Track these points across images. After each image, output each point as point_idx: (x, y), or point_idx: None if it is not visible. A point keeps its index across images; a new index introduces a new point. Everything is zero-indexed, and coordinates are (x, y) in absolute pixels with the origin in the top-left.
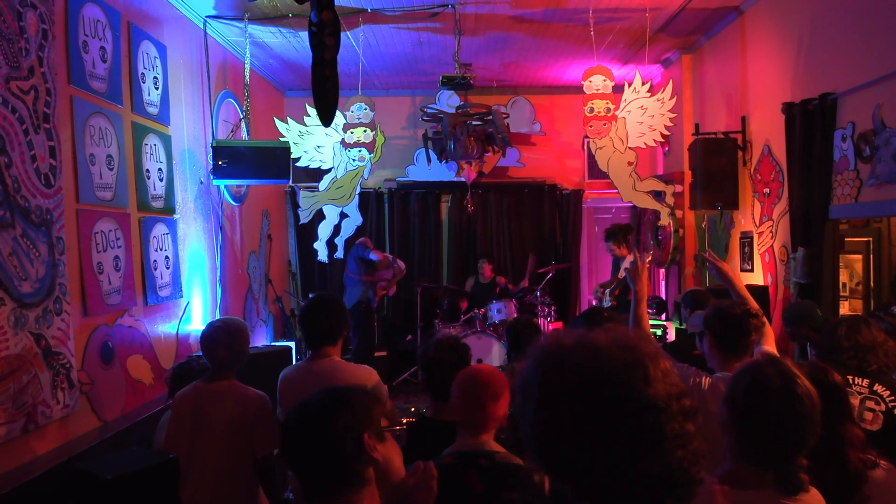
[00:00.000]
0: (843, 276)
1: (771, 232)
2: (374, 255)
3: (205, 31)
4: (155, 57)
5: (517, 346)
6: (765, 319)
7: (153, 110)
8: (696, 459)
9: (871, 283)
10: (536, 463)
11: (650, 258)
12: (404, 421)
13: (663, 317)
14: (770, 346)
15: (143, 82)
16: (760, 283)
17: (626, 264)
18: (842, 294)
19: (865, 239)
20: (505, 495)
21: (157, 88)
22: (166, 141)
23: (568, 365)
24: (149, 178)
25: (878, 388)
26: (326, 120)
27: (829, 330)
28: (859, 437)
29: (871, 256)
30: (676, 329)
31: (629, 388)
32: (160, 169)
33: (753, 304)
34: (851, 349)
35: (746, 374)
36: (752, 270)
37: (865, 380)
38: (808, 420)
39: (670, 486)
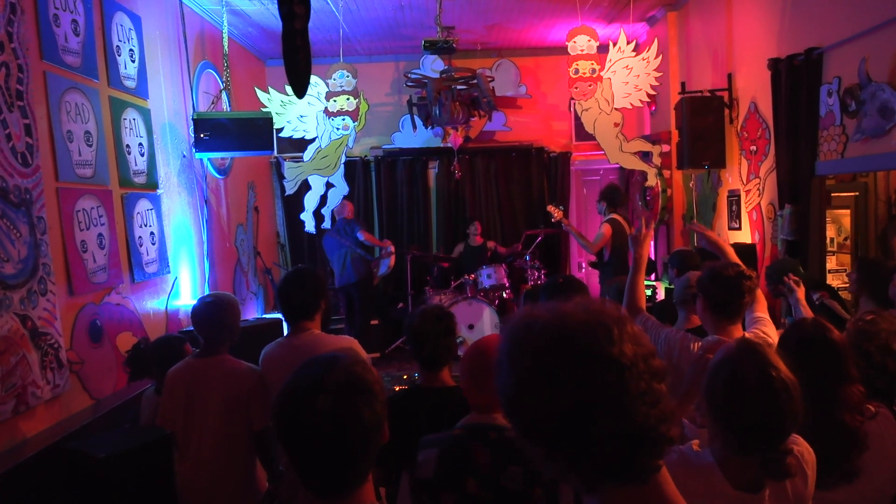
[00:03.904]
0: (831, 231)
1: (758, 189)
2: (361, 236)
3: (180, 0)
4: (130, 29)
5: None
6: (757, 282)
7: (131, 84)
8: (665, 417)
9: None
10: (512, 427)
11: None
12: (396, 388)
13: (653, 276)
14: (762, 311)
15: (119, 55)
16: (748, 240)
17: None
18: (829, 249)
19: (852, 194)
20: (510, 469)
21: (133, 61)
22: (146, 115)
23: (534, 329)
24: (129, 153)
25: None
26: (300, 91)
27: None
28: (857, 396)
29: (857, 211)
30: (666, 289)
31: (592, 345)
32: (141, 144)
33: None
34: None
35: (724, 366)
36: (739, 228)
37: None
38: (787, 413)
39: (639, 444)
